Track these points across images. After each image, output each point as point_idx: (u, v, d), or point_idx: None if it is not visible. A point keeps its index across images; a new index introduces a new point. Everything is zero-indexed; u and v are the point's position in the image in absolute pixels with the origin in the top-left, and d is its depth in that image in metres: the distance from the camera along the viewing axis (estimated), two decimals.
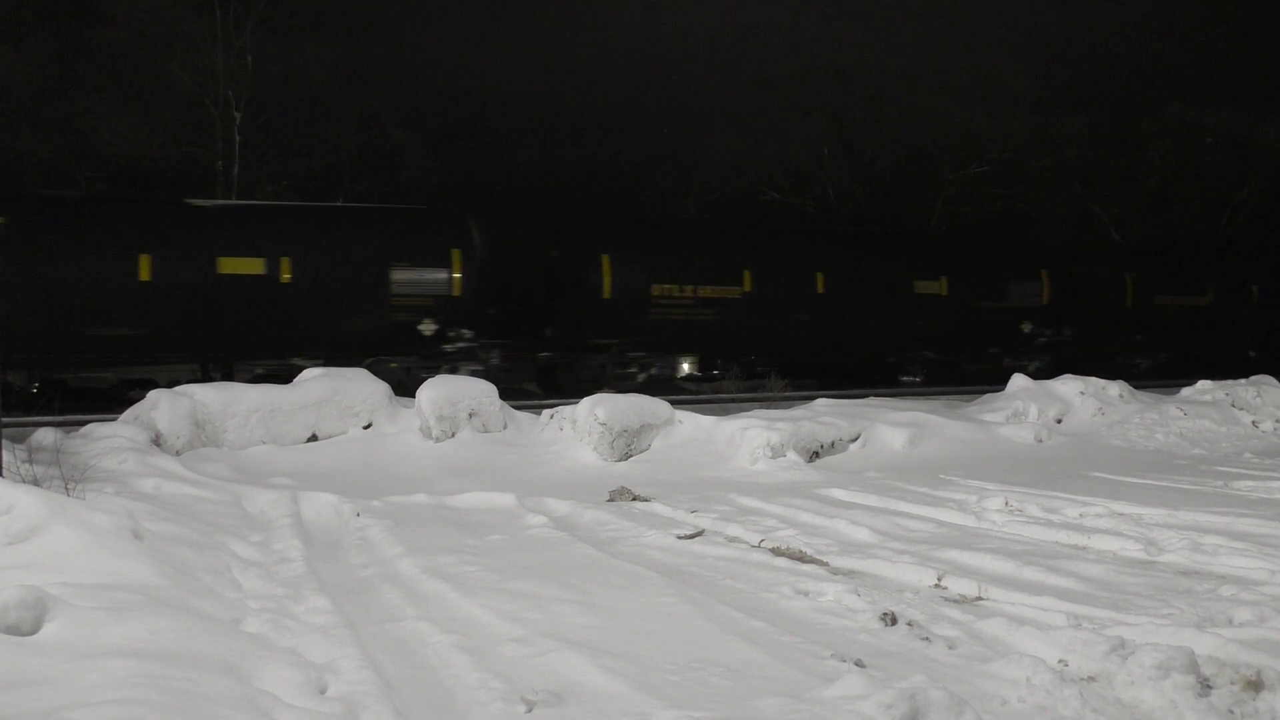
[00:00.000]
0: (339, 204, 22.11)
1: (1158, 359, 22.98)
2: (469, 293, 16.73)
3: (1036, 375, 15.68)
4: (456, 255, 16.69)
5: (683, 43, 54.11)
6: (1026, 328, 21.30)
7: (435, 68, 46.90)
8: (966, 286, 20.71)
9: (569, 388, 17.13)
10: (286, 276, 15.65)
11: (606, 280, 17.72)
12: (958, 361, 21.47)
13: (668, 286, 18.10)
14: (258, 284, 15.55)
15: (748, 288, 18.66)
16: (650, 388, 16.66)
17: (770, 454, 10.37)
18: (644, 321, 18.02)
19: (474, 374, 14.20)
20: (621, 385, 16.95)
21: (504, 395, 11.91)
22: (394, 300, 16.34)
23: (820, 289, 19.36)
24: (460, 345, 16.69)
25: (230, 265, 15.43)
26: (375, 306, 16.29)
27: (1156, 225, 34.51)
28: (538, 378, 19.10)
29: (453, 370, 15.53)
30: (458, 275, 16.64)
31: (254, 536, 6.91)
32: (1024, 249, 23.08)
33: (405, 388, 13.23)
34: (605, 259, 17.78)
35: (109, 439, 9.55)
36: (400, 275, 16.33)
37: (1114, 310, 22.40)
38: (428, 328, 16.42)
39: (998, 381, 15.31)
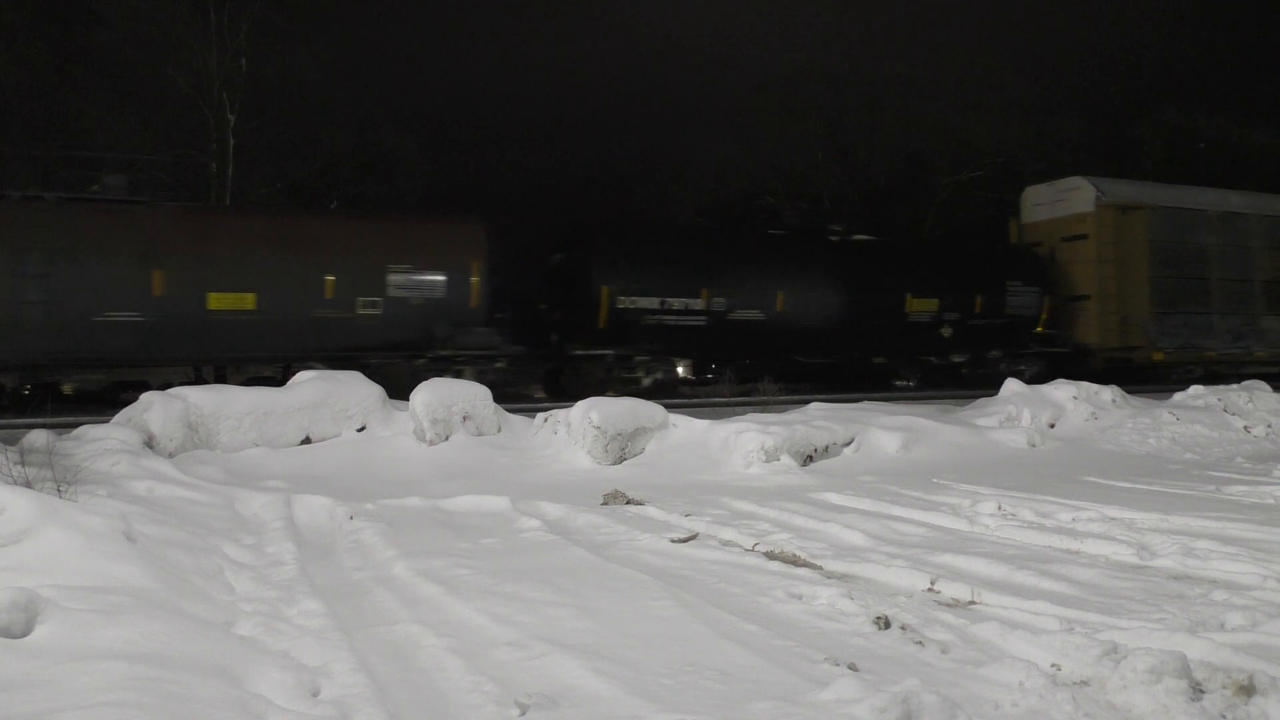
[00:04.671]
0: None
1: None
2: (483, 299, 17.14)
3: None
4: (475, 265, 17.05)
5: (680, 48, 54.32)
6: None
7: (432, 71, 47.03)
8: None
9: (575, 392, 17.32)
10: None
11: (604, 297, 17.96)
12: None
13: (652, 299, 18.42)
14: None
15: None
16: (654, 392, 16.78)
17: (764, 458, 10.37)
18: (644, 330, 18.34)
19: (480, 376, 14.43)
20: (626, 389, 17.25)
21: (512, 398, 11.87)
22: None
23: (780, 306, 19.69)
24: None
25: None
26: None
27: None
28: (544, 381, 19.60)
29: (458, 374, 15.65)
30: (475, 280, 17.01)
31: (247, 539, 6.90)
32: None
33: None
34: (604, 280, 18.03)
35: (101, 441, 9.53)
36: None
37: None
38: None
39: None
